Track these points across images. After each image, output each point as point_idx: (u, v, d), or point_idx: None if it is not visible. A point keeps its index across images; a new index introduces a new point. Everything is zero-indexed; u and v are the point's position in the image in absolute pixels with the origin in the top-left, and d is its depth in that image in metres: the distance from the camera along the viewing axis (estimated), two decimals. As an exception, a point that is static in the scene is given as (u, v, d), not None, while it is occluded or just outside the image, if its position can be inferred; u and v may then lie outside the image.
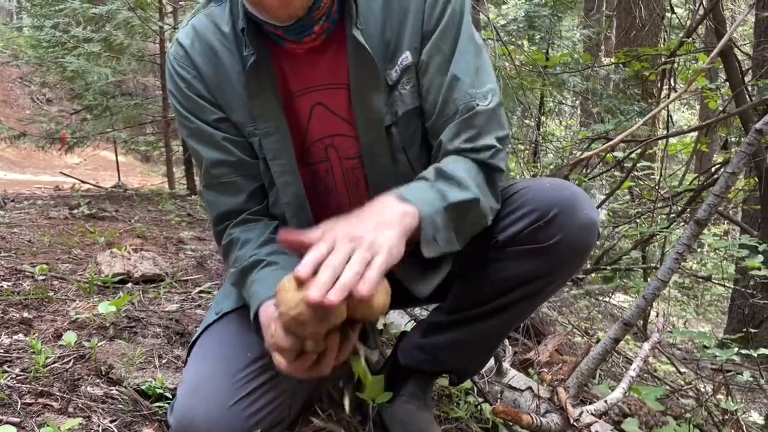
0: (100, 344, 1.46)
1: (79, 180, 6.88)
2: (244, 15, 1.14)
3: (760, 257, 2.92)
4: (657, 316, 3.22)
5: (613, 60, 5.05)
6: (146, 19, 4.78)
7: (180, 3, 5.29)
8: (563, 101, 7.10)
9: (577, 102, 8.17)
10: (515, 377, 1.95)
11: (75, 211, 4.00)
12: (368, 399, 1.24)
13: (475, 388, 1.74)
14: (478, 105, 1.15)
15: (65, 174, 6.98)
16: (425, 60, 1.18)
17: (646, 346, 2.37)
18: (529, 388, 1.90)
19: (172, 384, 1.35)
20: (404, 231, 0.96)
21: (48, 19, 5.23)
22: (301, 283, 0.88)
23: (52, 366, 1.38)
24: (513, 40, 5.99)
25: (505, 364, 2.00)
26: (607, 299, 5.13)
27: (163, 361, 1.49)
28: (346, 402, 1.22)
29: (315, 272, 0.88)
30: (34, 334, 1.57)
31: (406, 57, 1.18)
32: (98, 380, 1.36)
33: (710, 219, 1.80)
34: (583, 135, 4.60)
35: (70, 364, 1.40)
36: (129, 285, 2.18)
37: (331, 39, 1.18)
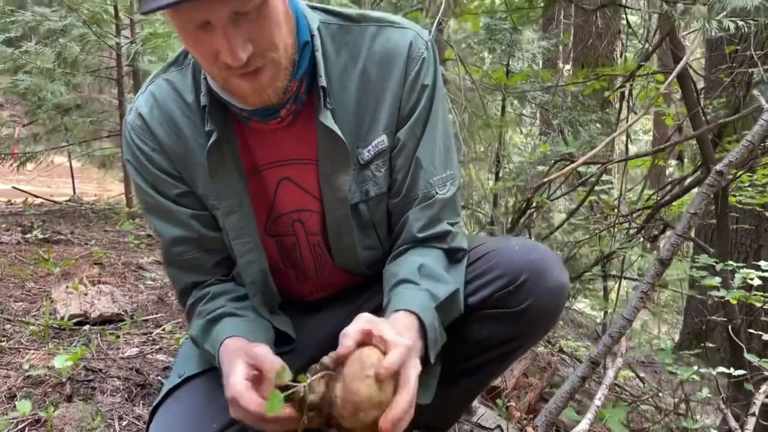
0: (56, 413, 1.39)
1: (31, 195, 6.65)
2: (207, 92, 1.11)
3: (718, 278, 2.98)
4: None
5: (572, 79, 5.14)
6: (102, 35, 4.63)
7: (138, 17, 5.16)
8: (523, 113, 7.18)
9: (537, 113, 8.26)
10: (484, 415, 1.95)
11: (28, 236, 3.86)
12: None
13: None
14: (437, 194, 1.18)
15: (18, 189, 6.75)
16: (400, 142, 1.17)
17: (610, 373, 2.40)
18: (499, 426, 1.91)
19: (134, 451, 1.30)
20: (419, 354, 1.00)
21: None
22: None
23: (6, 435, 1.32)
24: (474, 52, 6.05)
25: (474, 402, 2.00)
26: (568, 305, 5.20)
27: (124, 423, 1.44)
28: None
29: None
30: (-15, 393, 1.49)
31: (382, 140, 1.17)
32: (55, 450, 1.30)
33: (673, 258, 1.83)
34: (544, 148, 4.66)
35: None
36: (86, 327, 2.10)
37: (300, 115, 1.15)
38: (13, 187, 6.89)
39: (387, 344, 0.91)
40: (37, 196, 6.63)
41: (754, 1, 1.72)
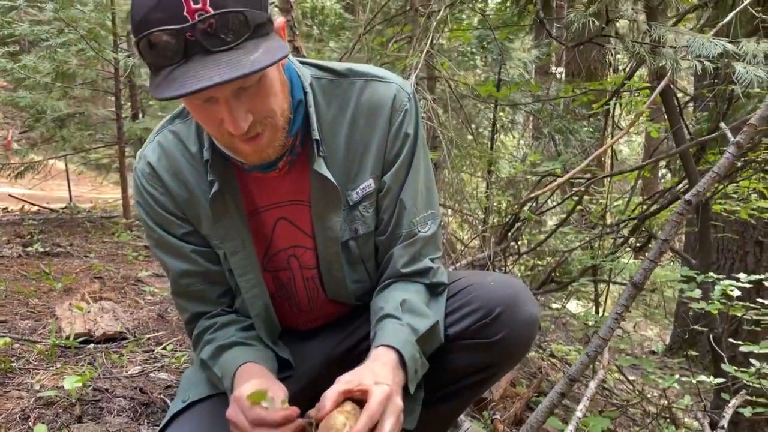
0: (69, 436, 1.49)
1: (28, 202, 6.71)
2: (210, 146, 1.21)
3: (699, 290, 3.08)
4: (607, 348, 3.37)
5: (561, 93, 5.26)
6: (100, 50, 4.72)
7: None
8: (515, 121, 7.30)
9: (530, 118, 8.37)
10: (469, 429, 2.06)
11: (29, 249, 3.95)
12: None
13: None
14: (419, 232, 1.30)
15: (13, 197, 6.83)
16: (386, 186, 1.29)
17: (592, 384, 2.51)
18: (483, 440, 2.01)
19: (141, 471, 1.40)
20: (400, 389, 1.11)
21: (-3, 46, 5.13)
22: None
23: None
24: (466, 60, 6.16)
25: (461, 416, 2.10)
26: (559, 307, 5.30)
27: (131, 444, 1.54)
28: None
29: None
30: (0, 415, 1.59)
31: (369, 184, 1.28)
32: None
33: (646, 282, 1.94)
34: (534, 158, 4.78)
35: (40, 455, 1.43)
36: (91, 346, 2.20)
37: (295, 164, 1.26)
38: (9, 195, 6.96)
39: (367, 393, 1.03)
40: (34, 204, 6.70)
41: (717, 48, 1.83)
